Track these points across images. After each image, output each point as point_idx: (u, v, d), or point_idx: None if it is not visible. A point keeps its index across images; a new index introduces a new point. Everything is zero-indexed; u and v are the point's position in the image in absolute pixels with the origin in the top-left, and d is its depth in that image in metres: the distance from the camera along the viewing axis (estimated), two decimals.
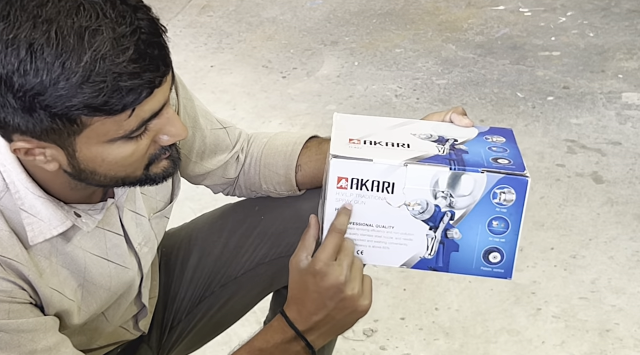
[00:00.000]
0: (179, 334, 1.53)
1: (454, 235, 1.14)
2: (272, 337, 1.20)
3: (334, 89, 3.34)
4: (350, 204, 1.13)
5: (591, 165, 2.77)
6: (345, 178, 1.12)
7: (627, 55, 3.50)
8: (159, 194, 1.31)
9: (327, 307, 1.15)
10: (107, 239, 1.20)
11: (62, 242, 1.13)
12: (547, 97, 3.21)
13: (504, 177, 1.11)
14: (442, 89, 3.31)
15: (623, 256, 2.35)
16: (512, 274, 1.17)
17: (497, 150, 1.17)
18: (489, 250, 1.15)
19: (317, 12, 4.04)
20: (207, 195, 1.59)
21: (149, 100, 0.99)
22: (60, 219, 1.10)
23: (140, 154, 1.05)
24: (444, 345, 2.06)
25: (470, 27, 3.82)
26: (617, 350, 2.03)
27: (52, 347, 1.12)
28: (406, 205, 1.13)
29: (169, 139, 1.07)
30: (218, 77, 3.47)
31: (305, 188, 1.44)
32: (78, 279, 1.17)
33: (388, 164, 1.11)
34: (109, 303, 1.26)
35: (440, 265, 1.16)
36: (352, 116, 1.27)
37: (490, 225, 1.14)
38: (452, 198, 1.12)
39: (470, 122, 1.24)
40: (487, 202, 1.12)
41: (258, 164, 1.45)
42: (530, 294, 2.21)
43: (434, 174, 1.11)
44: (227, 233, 1.50)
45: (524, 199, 1.12)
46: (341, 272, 1.13)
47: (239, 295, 1.51)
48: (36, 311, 1.12)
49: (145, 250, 1.28)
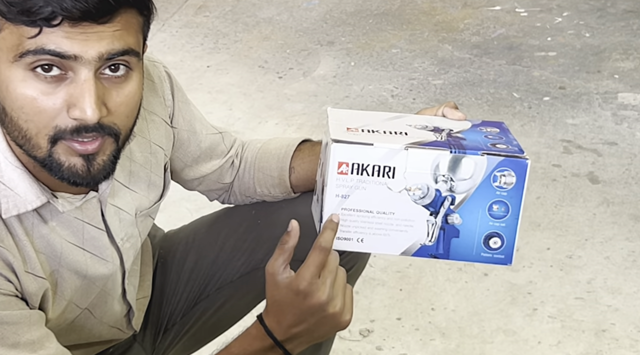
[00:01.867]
0: (174, 336, 1.53)
1: (454, 220, 1.14)
2: (249, 344, 1.20)
3: (330, 89, 3.34)
4: (337, 215, 1.13)
5: (587, 165, 2.77)
6: (345, 163, 1.11)
7: (622, 56, 3.51)
8: (150, 193, 1.30)
9: (308, 321, 1.15)
10: (85, 231, 1.18)
11: (39, 223, 1.12)
12: (543, 97, 3.21)
13: (504, 160, 1.11)
14: (438, 89, 3.31)
15: (619, 256, 2.35)
16: (512, 259, 1.17)
17: (493, 138, 1.17)
18: (489, 235, 1.15)
19: (313, 12, 4.04)
20: (203, 196, 1.59)
21: (62, 31, 0.95)
22: (36, 193, 1.08)
23: (44, 107, 0.98)
24: (440, 345, 2.06)
25: (466, 27, 3.82)
26: (613, 350, 2.04)
27: (36, 341, 1.11)
28: (407, 190, 1.13)
29: (76, 113, 0.98)
30: (214, 77, 3.47)
31: (299, 190, 1.44)
32: (53, 263, 1.16)
33: (389, 148, 1.11)
34: (88, 294, 1.25)
35: (440, 251, 1.16)
36: (345, 110, 1.28)
37: (491, 209, 1.14)
38: (453, 182, 1.12)
39: (462, 115, 1.25)
40: (487, 186, 1.12)
41: (252, 168, 1.45)
42: (526, 293, 2.21)
43: (434, 157, 1.11)
44: (223, 236, 1.50)
45: (524, 181, 1.12)
46: (324, 290, 1.13)
47: (234, 298, 1.51)
48: (21, 304, 1.11)
49: (127, 245, 1.27)
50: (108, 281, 1.27)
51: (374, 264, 2.29)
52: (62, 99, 0.99)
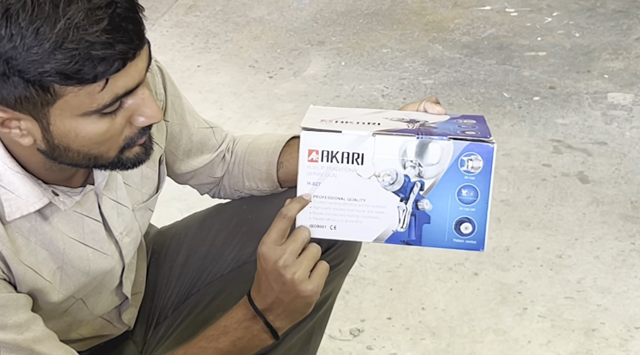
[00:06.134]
0: (165, 330, 1.54)
1: (424, 206, 1.16)
2: (235, 313, 1.25)
3: (320, 88, 3.34)
4: (309, 194, 1.16)
5: (577, 165, 2.78)
6: (315, 150, 1.14)
7: (612, 55, 3.52)
8: (144, 186, 1.32)
9: (274, 289, 1.19)
10: (84, 224, 1.21)
11: (40, 221, 1.14)
12: (533, 97, 3.22)
13: (469, 144, 1.13)
14: (428, 89, 3.31)
15: (608, 256, 2.36)
16: (484, 245, 1.17)
17: (465, 127, 1.18)
18: (460, 220, 1.16)
19: (304, 12, 4.03)
20: (194, 195, 1.59)
21: (122, 74, 1.00)
22: (37, 195, 1.12)
23: (114, 133, 1.06)
24: (430, 344, 2.06)
25: (456, 27, 3.83)
26: (603, 350, 2.04)
27: (23, 324, 1.13)
28: (376, 176, 1.14)
29: (144, 120, 1.08)
30: (204, 76, 3.47)
31: (286, 185, 1.46)
32: (57, 260, 1.18)
33: (356, 135, 1.13)
34: (87, 288, 1.27)
35: (412, 238, 1.17)
36: (328, 107, 1.30)
37: (460, 194, 1.15)
38: (421, 167, 1.14)
39: (442, 110, 1.26)
40: (455, 170, 1.14)
41: (241, 161, 1.48)
42: (516, 293, 2.22)
43: (401, 143, 1.13)
44: (214, 231, 1.52)
45: (491, 165, 1.13)
46: (281, 255, 1.16)
47: (224, 293, 1.52)
48: (9, 287, 1.13)
49: (126, 239, 1.29)
50: (107, 275, 1.29)
51: (364, 263, 2.30)
52: (125, 118, 1.07)
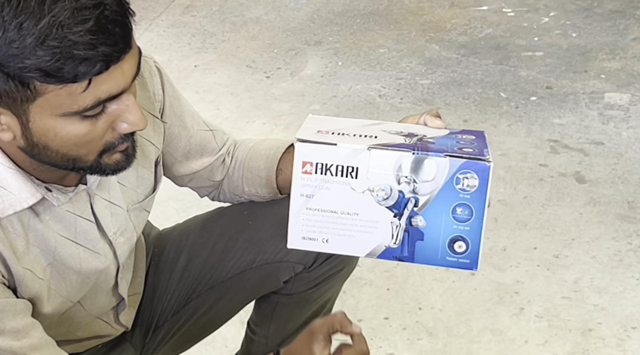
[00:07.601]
0: (164, 335, 1.54)
1: (418, 223, 1.14)
2: None
3: (317, 88, 3.34)
4: None
5: (574, 165, 2.78)
6: (309, 162, 1.12)
7: (609, 55, 3.52)
8: (139, 186, 1.31)
9: None
10: (77, 223, 1.20)
11: (33, 218, 1.14)
12: (530, 97, 3.22)
13: (465, 162, 1.11)
14: (425, 89, 3.31)
15: (605, 255, 2.36)
16: (478, 264, 1.16)
17: (464, 143, 1.17)
18: (453, 238, 1.14)
19: (301, 12, 4.03)
20: (190, 195, 1.59)
21: (105, 78, 1.00)
22: (30, 191, 1.11)
23: (94, 136, 1.06)
24: (427, 344, 2.06)
25: (453, 27, 3.83)
26: (600, 349, 2.04)
27: (21, 329, 1.12)
28: (370, 191, 1.13)
29: (127, 127, 1.07)
30: (201, 76, 3.46)
31: (286, 192, 1.44)
32: (47, 257, 1.18)
33: (351, 148, 1.11)
34: (82, 289, 1.26)
35: (405, 254, 1.16)
36: (326, 117, 1.28)
37: (454, 212, 1.13)
38: (416, 183, 1.12)
39: (442, 123, 1.24)
40: (450, 188, 1.12)
41: (241, 166, 1.46)
42: (513, 293, 2.22)
43: (396, 158, 1.11)
44: (215, 236, 1.51)
45: (487, 184, 1.11)
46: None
47: (224, 298, 1.51)
48: (7, 292, 1.12)
49: (120, 239, 1.29)
50: (101, 275, 1.28)
51: (361, 263, 2.29)
52: (107, 123, 1.06)
